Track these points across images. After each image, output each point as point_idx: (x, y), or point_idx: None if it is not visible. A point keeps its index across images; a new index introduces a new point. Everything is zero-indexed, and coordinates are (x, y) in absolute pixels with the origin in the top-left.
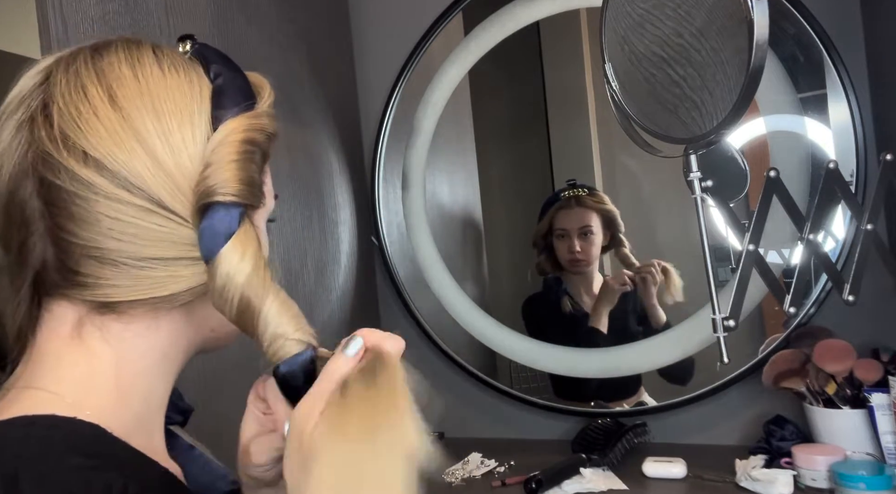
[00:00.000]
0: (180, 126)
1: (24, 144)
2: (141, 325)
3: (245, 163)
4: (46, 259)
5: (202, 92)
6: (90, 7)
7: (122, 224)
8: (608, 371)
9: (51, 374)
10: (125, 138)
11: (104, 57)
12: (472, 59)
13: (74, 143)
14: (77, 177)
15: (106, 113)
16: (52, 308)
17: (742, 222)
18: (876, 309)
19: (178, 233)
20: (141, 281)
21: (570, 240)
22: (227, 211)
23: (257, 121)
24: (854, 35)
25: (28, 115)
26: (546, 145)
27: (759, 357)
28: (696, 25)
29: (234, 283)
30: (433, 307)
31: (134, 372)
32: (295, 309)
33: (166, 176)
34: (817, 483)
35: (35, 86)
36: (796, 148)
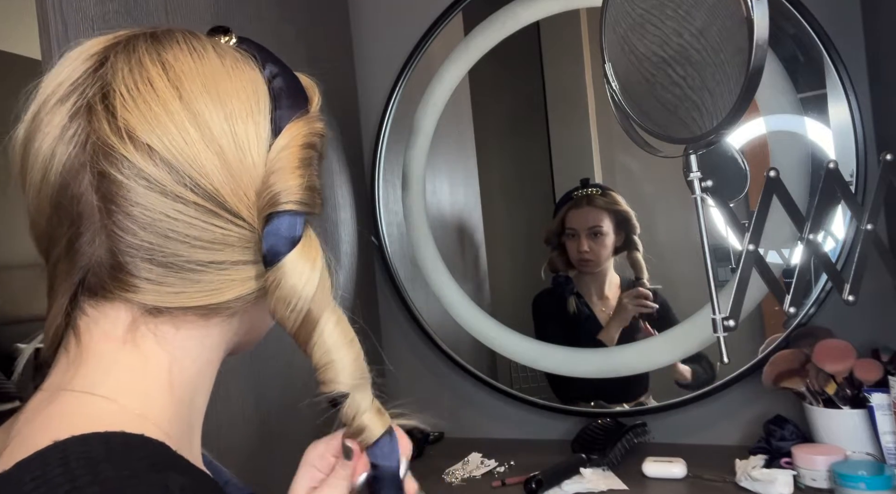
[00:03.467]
0: (245, 125)
1: (82, 134)
2: (192, 330)
3: (308, 169)
4: (99, 259)
5: (261, 91)
6: (90, 7)
7: (182, 225)
8: (608, 371)
9: (107, 379)
10: (194, 135)
11: (166, 48)
12: (472, 59)
13: (139, 136)
14: (141, 172)
15: (174, 106)
16: (100, 309)
17: (742, 222)
18: (876, 309)
19: (238, 237)
20: (196, 286)
21: (579, 240)
22: (293, 217)
23: (315, 124)
24: (854, 35)
25: (85, 103)
26: (546, 145)
27: (759, 357)
28: (696, 25)
29: (304, 295)
30: (433, 307)
31: (185, 378)
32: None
33: (231, 176)
34: (817, 483)
35: (89, 73)
36: (796, 148)
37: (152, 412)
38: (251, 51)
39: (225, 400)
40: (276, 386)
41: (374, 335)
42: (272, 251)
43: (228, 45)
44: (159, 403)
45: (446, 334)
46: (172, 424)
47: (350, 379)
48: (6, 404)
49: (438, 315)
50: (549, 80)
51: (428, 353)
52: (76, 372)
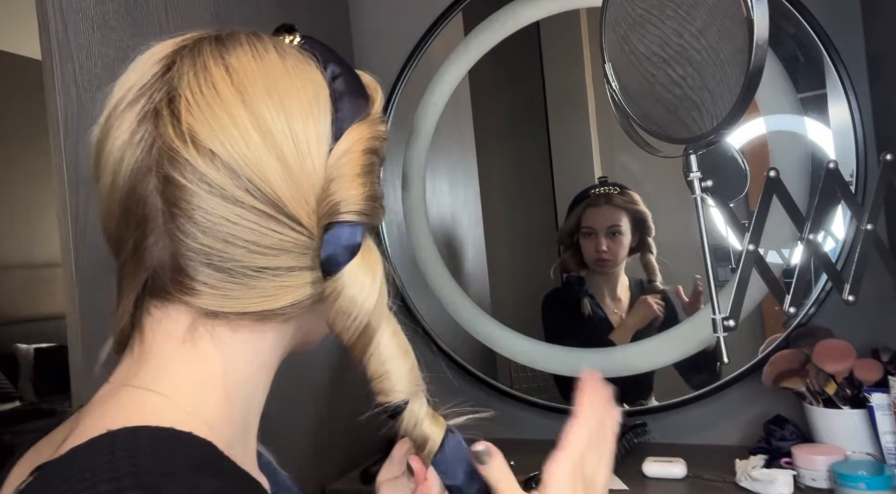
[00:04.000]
0: (305, 129)
1: (149, 138)
2: (248, 333)
3: (369, 176)
4: (162, 261)
5: (322, 93)
6: (90, 7)
7: (241, 229)
8: (609, 371)
9: (165, 377)
10: (255, 138)
11: (230, 51)
12: (472, 59)
13: (202, 140)
14: (203, 177)
15: (238, 112)
16: (164, 308)
17: (742, 222)
18: (876, 309)
19: (295, 242)
20: (252, 292)
21: (597, 239)
22: (353, 227)
23: (377, 128)
24: (854, 35)
25: (152, 108)
26: (546, 145)
27: (759, 357)
28: (696, 25)
29: (364, 306)
30: (433, 307)
31: (239, 380)
32: (404, 340)
33: (292, 181)
34: (817, 483)
35: (156, 77)
36: (796, 148)
37: (205, 411)
38: (313, 50)
39: None
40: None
41: None
42: (331, 260)
43: (291, 45)
44: (212, 403)
45: (446, 334)
46: (224, 424)
47: (407, 387)
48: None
49: (438, 315)
50: (549, 80)
51: (428, 353)
52: (139, 369)
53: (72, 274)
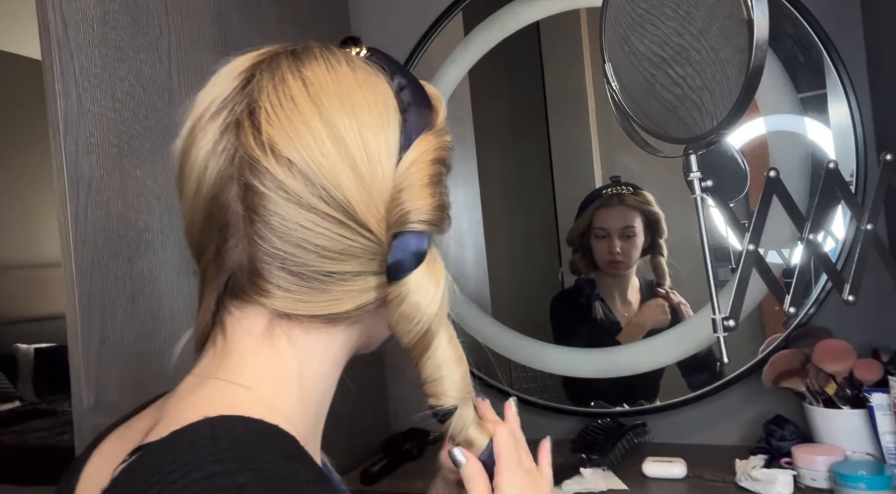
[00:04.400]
0: (376, 138)
1: (231, 148)
2: (320, 335)
3: (437, 186)
4: (241, 264)
5: (390, 104)
6: (90, 7)
7: (313, 235)
8: (607, 371)
9: (247, 371)
10: (331, 150)
11: (306, 64)
12: (472, 59)
13: (281, 150)
14: (281, 184)
15: (314, 123)
16: (243, 308)
17: (742, 222)
18: (876, 309)
19: (364, 248)
20: (321, 296)
21: (610, 241)
22: (420, 236)
23: (443, 138)
24: (854, 35)
25: (234, 119)
26: (546, 145)
27: (759, 357)
28: (696, 25)
29: (427, 313)
30: None
31: (313, 378)
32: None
33: (364, 188)
34: (817, 483)
35: (237, 90)
36: (796, 148)
37: (284, 406)
38: (380, 62)
39: None
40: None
41: None
42: (398, 267)
43: (359, 57)
44: (289, 398)
45: None
46: (300, 420)
47: (458, 394)
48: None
49: None
50: (549, 80)
51: None
52: (221, 363)
53: (72, 274)
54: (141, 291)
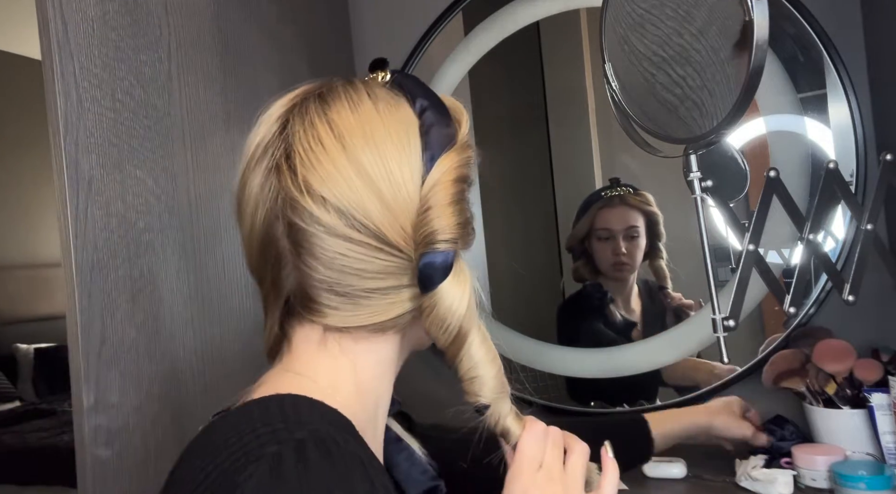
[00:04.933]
0: (399, 165)
1: (274, 191)
2: (369, 342)
3: (460, 204)
4: (294, 289)
5: (412, 130)
6: (90, 7)
7: (353, 260)
8: (608, 371)
9: (310, 368)
10: (358, 184)
11: (331, 106)
12: (472, 59)
13: (316, 190)
14: (319, 220)
15: (342, 162)
16: (301, 325)
17: (742, 222)
18: (876, 309)
19: (397, 266)
20: (366, 310)
21: (615, 242)
22: (445, 252)
23: (465, 155)
24: (854, 35)
25: (274, 164)
26: (546, 145)
27: (759, 357)
28: (696, 25)
29: (455, 317)
30: None
31: (367, 378)
32: (492, 347)
33: (390, 214)
34: (817, 483)
35: (276, 135)
36: (796, 148)
37: (342, 397)
38: (403, 84)
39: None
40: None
41: None
42: (428, 280)
43: (381, 85)
44: (346, 392)
45: None
46: (356, 408)
47: (491, 393)
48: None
49: None
50: (549, 80)
51: (428, 353)
52: (293, 362)
53: (72, 274)
54: (141, 291)
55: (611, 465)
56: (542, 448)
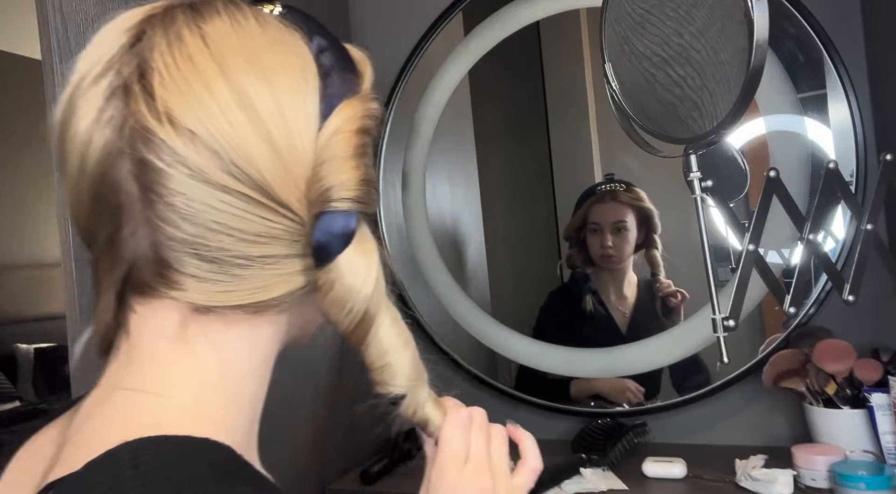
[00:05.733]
0: (293, 107)
1: (119, 117)
2: (243, 328)
3: (362, 158)
4: (141, 253)
5: (310, 68)
6: (90, 7)
7: (227, 216)
8: (608, 371)
9: (163, 379)
10: (239, 116)
11: (206, 19)
12: (472, 59)
13: (180, 119)
14: (183, 160)
15: (217, 85)
16: (149, 305)
17: (742, 222)
18: (876, 309)
19: (286, 228)
20: (243, 283)
21: (602, 235)
22: (347, 214)
23: (369, 105)
24: (854, 35)
25: (121, 83)
26: (546, 145)
27: (759, 357)
28: (696, 25)
29: (360, 296)
30: (433, 307)
31: (241, 379)
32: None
33: (281, 163)
34: (817, 483)
35: (125, 48)
36: (796, 148)
37: (213, 412)
38: (297, 21)
39: None
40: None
41: None
42: (324, 249)
43: (272, 15)
44: (217, 404)
45: (446, 334)
46: (234, 426)
47: (406, 381)
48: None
49: (438, 315)
50: (549, 80)
51: (428, 353)
52: (129, 371)
53: (72, 274)
54: None
55: (525, 437)
56: (467, 437)
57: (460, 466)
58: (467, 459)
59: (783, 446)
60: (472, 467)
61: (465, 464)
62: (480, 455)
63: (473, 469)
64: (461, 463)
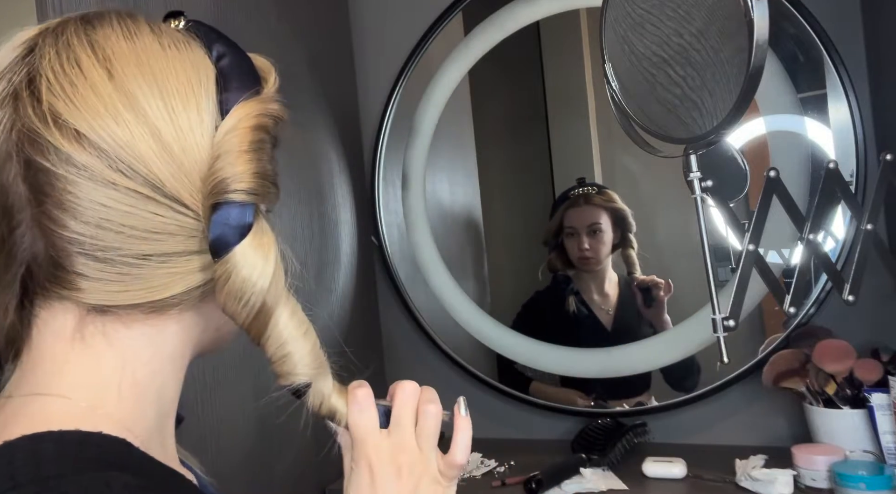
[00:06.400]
0: (186, 107)
1: (7, 122)
2: (144, 327)
3: (259, 153)
4: (36, 253)
5: (206, 73)
6: (90, 7)
7: (116, 213)
8: (608, 371)
9: (59, 379)
10: (126, 116)
11: (97, 28)
12: (472, 59)
13: (66, 120)
14: (68, 159)
15: (104, 88)
16: (49, 307)
17: (742, 222)
18: (876, 309)
19: (180, 225)
20: (138, 282)
21: (579, 238)
22: (242, 207)
23: (267, 105)
24: (854, 35)
25: (10, 91)
26: (546, 145)
27: (759, 357)
28: (696, 25)
29: (257, 288)
30: (433, 307)
31: (143, 377)
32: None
33: (171, 159)
34: (817, 483)
35: (17, 60)
36: (796, 148)
37: (114, 410)
38: (199, 32)
39: (223, 397)
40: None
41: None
42: (220, 242)
43: (168, 27)
44: (116, 400)
45: (446, 334)
46: (136, 422)
47: (307, 369)
48: None
49: (438, 315)
50: (548, 80)
51: (428, 353)
52: (31, 375)
53: None
54: None
55: (460, 429)
56: (374, 414)
57: (377, 443)
58: (389, 434)
59: (783, 446)
60: (391, 443)
61: (382, 439)
62: (402, 432)
63: (391, 445)
64: (377, 439)
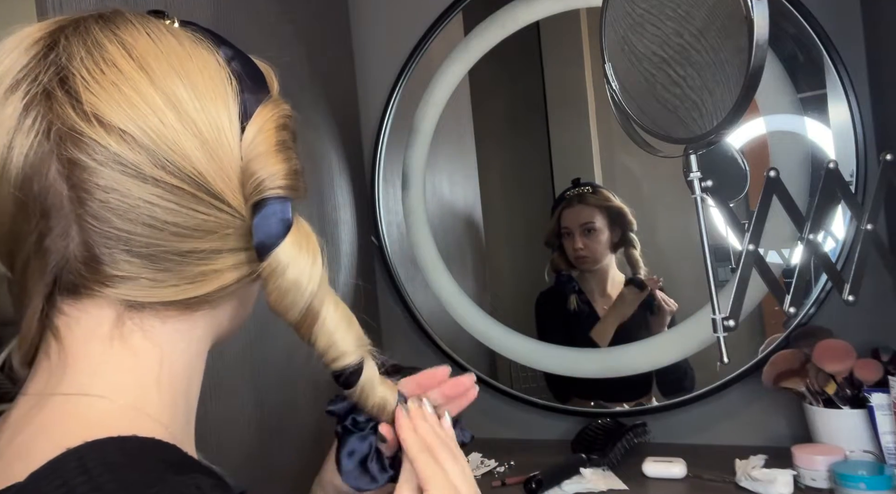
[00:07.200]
0: (215, 105)
1: (42, 122)
2: (178, 323)
3: (288, 151)
4: (73, 253)
5: (223, 74)
6: (90, 7)
7: (161, 210)
8: (608, 371)
9: (99, 379)
10: (168, 114)
11: (121, 27)
12: (472, 59)
13: (111, 120)
14: (116, 157)
15: (145, 86)
16: (80, 306)
17: (742, 222)
18: (876, 309)
19: (221, 223)
20: (177, 278)
21: (573, 238)
22: (282, 203)
23: (283, 106)
24: (854, 35)
25: (40, 89)
26: (546, 145)
27: (759, 357)
28: (696, 25)
29: (307, 291)
30: (433, 307)
31: (177, 371)
32: (346, 311)
33: (213, 157)
34: (817, 483)
35: (38, 58)
36: (796, 148)
37: (152, 409)
38: (199, 31)
39: (224, 397)
40: (275, 382)
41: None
42: (266, 239)
43: (178, 27)
44: (157, 399)
45: (446, 334)
46: (174, 421)
47: (356, 348)
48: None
49: (438, 315)
50: (548, 80)
51: (428, 353)
52: (62, 374)
53: None
54: None
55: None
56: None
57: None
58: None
59: (783, 446)
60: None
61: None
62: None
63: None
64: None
